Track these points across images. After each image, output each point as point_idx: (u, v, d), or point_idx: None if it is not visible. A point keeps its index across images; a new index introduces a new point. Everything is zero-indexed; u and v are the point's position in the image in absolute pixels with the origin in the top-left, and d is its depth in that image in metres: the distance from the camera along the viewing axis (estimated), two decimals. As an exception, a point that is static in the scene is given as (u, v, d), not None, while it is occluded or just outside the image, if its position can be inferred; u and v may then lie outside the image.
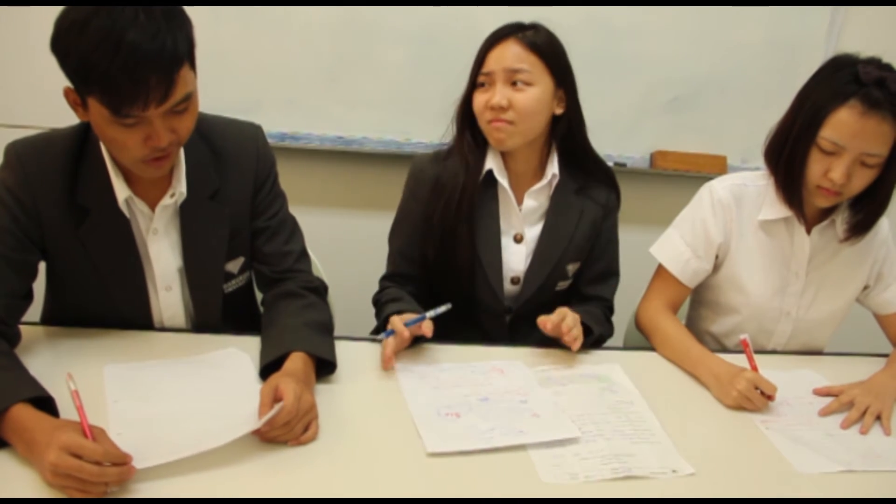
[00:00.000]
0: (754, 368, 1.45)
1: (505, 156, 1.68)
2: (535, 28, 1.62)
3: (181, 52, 1.19)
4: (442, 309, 1.50)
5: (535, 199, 1.70)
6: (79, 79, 1.19)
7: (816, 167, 1.52)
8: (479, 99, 1.61)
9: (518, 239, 1.71)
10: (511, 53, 1.58)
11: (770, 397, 1.43)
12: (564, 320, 1.51)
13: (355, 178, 2.51)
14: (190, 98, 1.25)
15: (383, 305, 1.63)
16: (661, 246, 1.74)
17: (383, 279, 1.76)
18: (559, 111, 1.64)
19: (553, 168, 1.67)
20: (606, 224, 1.75)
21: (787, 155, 1.56)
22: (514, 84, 1.57)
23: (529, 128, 1.60)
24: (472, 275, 1.68)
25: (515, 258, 1.71)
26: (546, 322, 1.51)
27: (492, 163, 1.66)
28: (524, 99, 1.57)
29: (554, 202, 1.70)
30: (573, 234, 1.70)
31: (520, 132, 1.59)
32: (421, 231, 1.68)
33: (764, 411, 1.42)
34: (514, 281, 1.72)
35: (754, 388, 1.41)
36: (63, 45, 1.18)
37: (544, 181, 1.67)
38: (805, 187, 1.56)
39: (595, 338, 1.63)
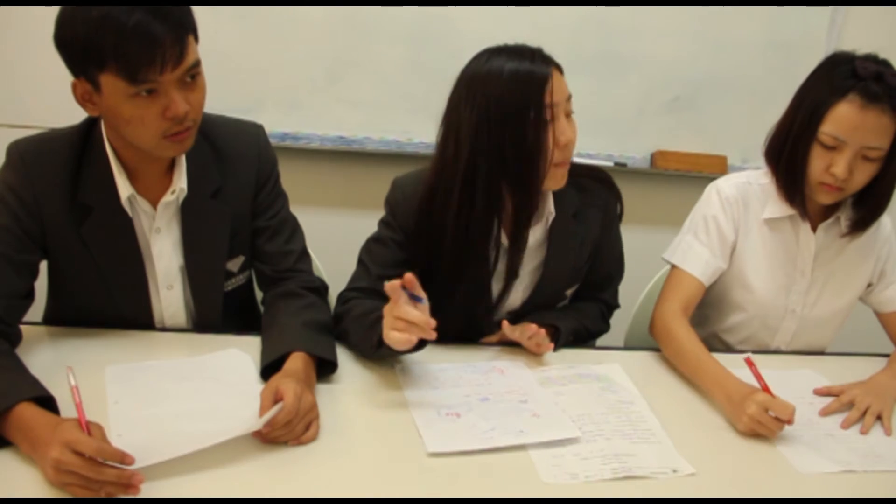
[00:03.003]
0: (765, 389, 1.35)
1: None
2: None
3: (185, 17, 1.22)
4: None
5: (532, 236, 1.58)
6: (90, 55, 1.19)
7: (818, 163, 1.52)
8: (546, 136, 1.43)
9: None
10: (563, 84, 1.46)
11: (788, 421, 1.32)
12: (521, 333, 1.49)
13: (356, 178, 2.51)
14: (199, 66, 1.27)
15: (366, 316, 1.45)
16: (680, 252, 1.69)
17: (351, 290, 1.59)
18: None
19: (549, 205, 1.56)
20: (607, 236, 1.66)
21: (789, 153, 1.56)
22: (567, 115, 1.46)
23: None
24: (468, 314, 1.60)
25: (512, 296, 1.63)
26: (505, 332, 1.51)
27: None
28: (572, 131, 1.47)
29: (552, 237, 1.59)
30: (573, 264, 1.62)
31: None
32: (412, 262, 1.58)
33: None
34: (512, 313, 1.65)
35: (765, 412, 1.32)
36: (69, 28, 1.19)
37: (541, 220, 1.57)
38: (807, 185, 1.56)
39: (568, 338, 1.59)
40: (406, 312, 1.27)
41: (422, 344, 1.33)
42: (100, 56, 1.19)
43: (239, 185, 1.48)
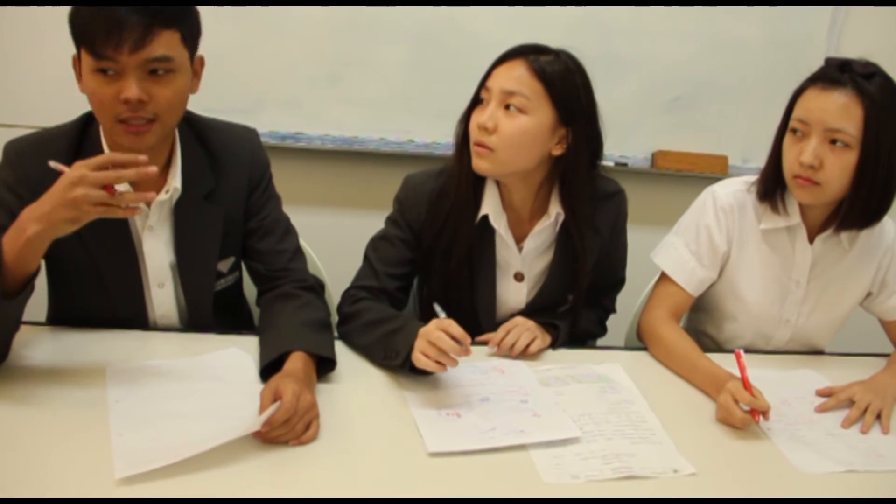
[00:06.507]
0: (745, 383, 1.35)
1: (501, 186, 1.56)
2: (556, 55, 1.46)
3: (168, 12, 1.25)
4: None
5: (537, 239, 1.59)
6: (73, 32, 1.27)
7: (790, 154, 1.51)
8: (474, 116, 1.48)
9: (519, 278, 1.62)
10: (513, 74, 1.44)
11: (753, 412, 1.33)
12: (506, 337, 1.51)
13: (356, 178, 2.51)
14: (170, 62, 1.27)
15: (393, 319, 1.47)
16: (666, 254, 1.69)
17: (358, 288, 1.59)
18: (557, 152, 1.49)
19: (557, 206, 1.55)
20: (614, 245, 1.67)
21: (771, 155, 1.56)
22: (507, 108, 1.44)
23: (511, 161, 1.46)
24: (471, 313, 1.60)
25: (516, 298, 1.63)
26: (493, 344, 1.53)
27: (489, 203, 1.54)
28: (509, 127, 1.43)
29: (560, 241, 1.59)
30: (579, 269, 1.59)
31: (500, 162, 1.46)
32: (419, 260, 1.60)
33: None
34: (514, 315, 1.63)
35: (733, 401, 1.34)
36: (71, 11, 1.27)
37: (548, 221, 1.56)
38: (787, 184, 1.54)
39: (566, 337, 1.59)
40: (439, 339, 1.29)
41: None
42: (74, 32, 1.26)
43: (232, 187, 1.50)
